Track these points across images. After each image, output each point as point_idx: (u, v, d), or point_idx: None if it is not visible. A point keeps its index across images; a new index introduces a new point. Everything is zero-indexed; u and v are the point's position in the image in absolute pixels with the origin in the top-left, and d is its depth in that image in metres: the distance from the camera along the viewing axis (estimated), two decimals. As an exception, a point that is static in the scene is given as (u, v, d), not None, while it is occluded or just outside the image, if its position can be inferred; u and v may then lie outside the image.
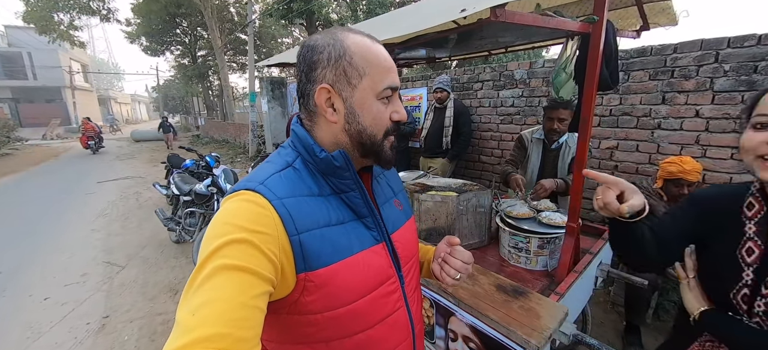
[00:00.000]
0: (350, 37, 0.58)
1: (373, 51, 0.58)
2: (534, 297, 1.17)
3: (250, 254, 0.49)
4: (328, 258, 0.56)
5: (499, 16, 0.76)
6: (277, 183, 0.57)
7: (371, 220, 0.64)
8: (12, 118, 18.90)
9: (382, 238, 0.65)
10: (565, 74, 1.35)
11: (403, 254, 0.69)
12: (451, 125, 3.17)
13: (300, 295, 0.56)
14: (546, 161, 2.10)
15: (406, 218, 0.75)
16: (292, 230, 0.54)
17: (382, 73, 0.58)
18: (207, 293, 0.44)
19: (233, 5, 16.88)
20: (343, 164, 0.59)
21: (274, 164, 0.61)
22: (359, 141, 0.60)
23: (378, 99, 0.59)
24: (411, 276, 0.72)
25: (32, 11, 12.82)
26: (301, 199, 0.57)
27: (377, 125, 0.60)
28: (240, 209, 0.53)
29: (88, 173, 8.98)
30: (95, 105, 32.24)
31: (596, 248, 1.58)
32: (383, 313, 0.64)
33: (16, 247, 4.10)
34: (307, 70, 0.59)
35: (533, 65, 3.00)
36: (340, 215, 0.61)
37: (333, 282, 0.57)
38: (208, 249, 0.48)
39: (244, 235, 0.49)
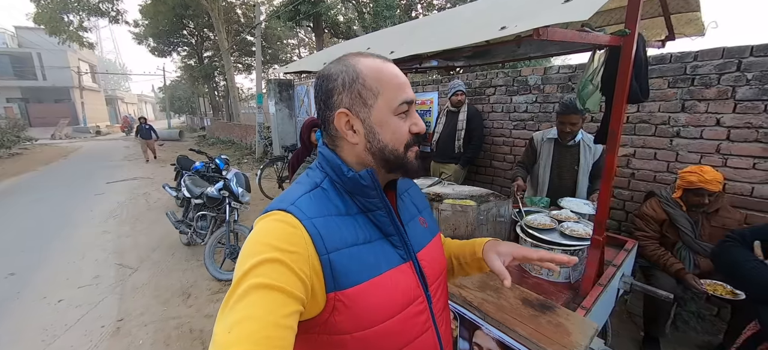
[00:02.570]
0: (361, 61, 0.61)
1: (384, 71, 0.61)
2: (562, 312, 1.15)
3: (282, 273, 0.50)
4: (357, 277, 0.57)
5: (542, 36, 0.76)
6: (307, 203, 0.59)
7: (397, 238, 0.65)
8: (21, 117, 19.14)
9: (408, 257, 0.66)
10: (591, 86, 1.34)
11: (430, 272, 0.69)
12: (464, 128, 3.16)
13: (330, 315, 0.56)
14: (563, 159, 2.14)
15: (431, 236, 0.75)
16: (322, 250, 0.55)
17: (395, 89, 0.61)
18: (241, 311, 0.46)
19: (240, 7, 17.00)
20: (370, 183, 0.61)
21: (304, 185, 0.63)
22: (383, 158, 0.62)
23: (395, 115, 0.61)
24: (438, 295, 0.71)
25: (43, 12, 13.00)
26: (330, 218, 0.59)
27: (397, 140, 0.62)
28: (273, 229, 0.55)
29: (96, 173, 9.07)
30: (103, 105, 32.59)
31: (619, 259, 1.56)
32: (412, 335, 0.64)
33: (29, 248, 4.15)
34: (325, 99, 0.62)
35: (547, 71, 2.98)
36: (367, 234, 0.62)
37: (362, 301, 0.57)
38: (243, 268, 0.50)
39: (276, 254, 0.51)
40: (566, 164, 2.12)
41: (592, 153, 2.09)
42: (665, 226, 1.95)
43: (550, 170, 2.14)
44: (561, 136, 2.10)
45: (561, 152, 2.13)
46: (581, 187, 2.11)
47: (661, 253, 1.90)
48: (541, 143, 2.20)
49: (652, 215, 1.97)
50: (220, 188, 3.48)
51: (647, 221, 1.99)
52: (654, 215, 1.96)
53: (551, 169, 2.14)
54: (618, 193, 2.64)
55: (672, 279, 1.88)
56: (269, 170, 6.77)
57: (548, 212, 1.79)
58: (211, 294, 3.02)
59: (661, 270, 1.92)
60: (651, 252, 1.94)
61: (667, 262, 1.86)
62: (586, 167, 2.08)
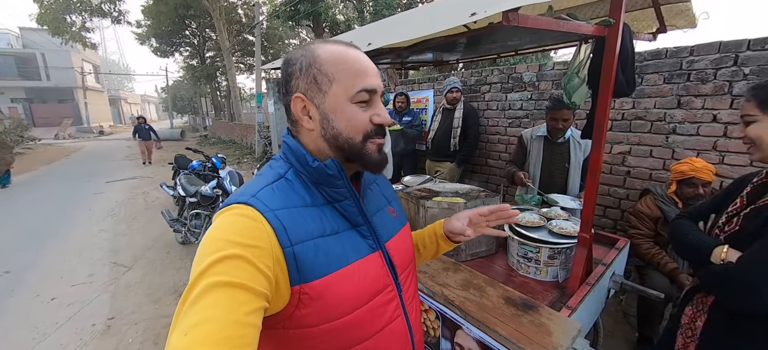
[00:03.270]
0: (322, 47, 0.60)
1: (343, 56, 0.59)
2: (545, 312, 1.12)
3: (244, 269, 0.48)
4: (323, 269, 0.56)
5: (511, 21, 0.72)
6: (269, 195, 0.57)
7: (366, 228, 0.64)
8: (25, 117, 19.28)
9: (377, 246, 0.65)
10: (578, 79, 1.30)
11: (399, 261, 0.69)
12: (460, 126, 3.12)
13: (295, 308, 0.55)
14: (553, 157, 2.11)
15: (401, 226, 0.75)
16: (286, 242, 0.53)
17: (353, 76, 0.58)
18: (200, 312, 0.43)
19: (241, 7, 17.03)
20: (336, 173, 0.60)
21: (266, 177, 0.61)
22: (337, 145, 0.60)
23: (353, 103, 0.59)
24: (408, 283, 0.72)
25: (46, 13, 13.08)
26: (294, 210, 0.57)
27: (353, 129, 0.59)
28: (232, 224, 0.52)
29: (97, 172, 9.11)
30: (106, 105, 32.82)
31: (609, 258, 1.52)
32: (381, 323, 0.64)
33: (26, 246, 4.16)
34: (285, 83, 0.62)
35: (542, 68, 2.94)
36: (334, 225, 0.60)
37: (328, 293, 0.56)
38: (200, 267, 0.47)
39: (236, 250, 0.48)
40: (556, 162, 2.08)
41: (582, 150, 2.05)
42: (660, 224, 1.91)
43: (540, 168, 2.10)
44: (552, 133, 2.06)
45: (551, 149, 2.09)
46: (572, 184, 2.07)
47: (655, 252, 1.86)
48: (530, 140, 2.16)
49: (647, 213, 1.93)
50: (213, 186, 3.47)
51: (641, 218, 1.94)
52: (649, 213, 1.92)
53: (542, 167, 2.10)
54: (613, 191, 2.59)
55: (666, 279, 1.83)
56: (267, 169, 6.76)
57: (538, 210, 1.76)
58: (203, 292, 3.00)
59: (655, 269, 1.88)
60: (645, 251, 1.90)
61: (661, 261, 1.82)
62: (577, 163, 2.04)
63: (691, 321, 1.01)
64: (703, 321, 0.97)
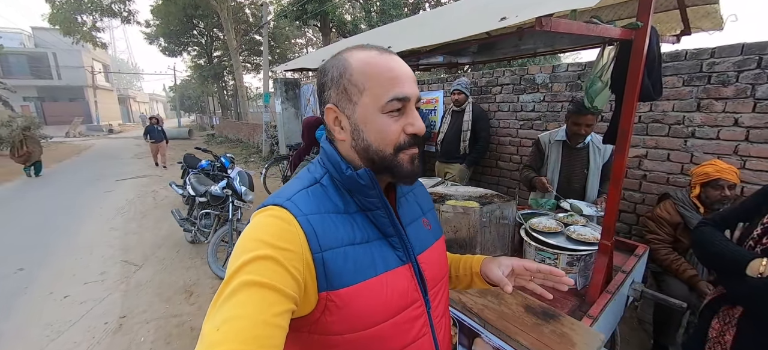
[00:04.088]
0: (355, 54, 0.58)
1: (374, 64, 0.56)
2: (566, 322, 1.09)
3: (275, 270, 0.49)
4: (350, 278, 0.55)
5: (545, 26, 0.70)
6: (304, 199, 0.57)
7: (396, 239, 0.62)
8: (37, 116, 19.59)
9: (407, 259, 0.63)
10: (600, 83, 1.27)
11: (431, 276, 0.66)
12: (470, 129, 3.09)
13: (321, 314, 0.55)
14: (572, 162, 2.06)
15: (434, 239, 0.72)
16: (316, 248, 0.54)
17: (383, 85, 0.56)
18: (231, 309, 0.45)
19: (248, 6, 17.13)
20: (369, 183, 0.59)
21: (303, 181, 0.62)
22: (367, 157, 0.59)
23: (383, 113, 0.56)
24: (438, 300, 0.69)
25: (57, 13, 13.31)
26: (327, 216, 0.57)
27: (383, 141, 0.57)
28: (267, 225, 0.53)
29: (107, 170, 9.23)
30: (115, 104, 33.25)
31: (629, 265, 1.49)
32: (407, 339, 0.61)
33: (39, 244, 4.22)
34: (319, 93, 0.62)
35: (555, 69, 2.89)
36: (365, 233, 0.60)
37: (354, 303, 0.55)
38: (235, 265, 0.49)
39: (269, 251, 0.49)
40: (575, 167, 2.04)
41: (601, 155, 2.01)
42: (679, 230, 1.86)
43: (558, 173, 2.06)
44: (572, 138, 2.01)
45: (570, 154, 2.05)
46: (591, 190, 2.03)
47: (673, 258, 1.82)
48: (548, 145, 2.12)
49: (666, 218, 1.88)
50: (223, 186, 3.48)
51: (660, 224, 1.90)
52: (668, 218, 1.88)
53: (560, 172, 2.06)
54: (628, 195, 2.55)
55: (684, 286, 1.79)
56: (274, 168, 6.79)
57: (554, 215, 1.72)
58: (213, 292, 3.01)
59: (674, 276, 1.83)
60: (663, 257, 1.85)
61: (679, 268, 1.78)
62: (596, 169, 2.00)
63: (719, 335, 0.98)
64: (733, 335, 0.94)
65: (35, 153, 8.24)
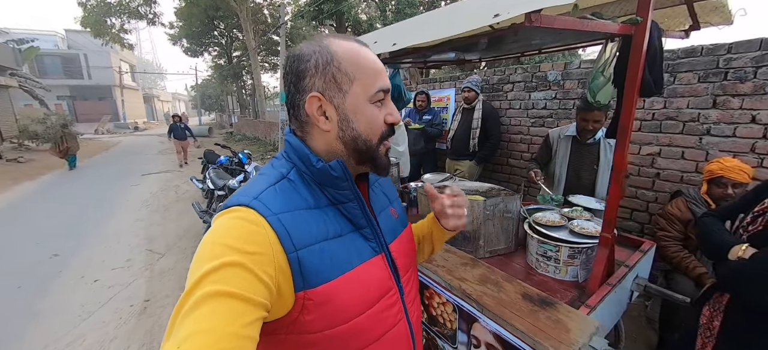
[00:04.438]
0: (336, 43, 0.57)
1: (361, 55, 0.57)
2: (563, 309, 1.13)
3: (243, 278, 0.46)
4: (328, 274, 0.54)
5: (534, 22, 0.75)
6: (272, 197, 0.54)
7: (369, 231, 0.62)
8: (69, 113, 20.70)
9: (380, 249, 0.64)
10: (603, 78, 1.29)
11: (402, 263, 0.68)
12: (479, 127, 3.11)
13: (299, 314, 0.53)
14: (582, 158, 2.07)
15: (402, 227, 0.74)
16: (290, 247, 0.51)
17: (372, 76, 0.57)
18: (195, 323, 0.41)
19: (267, 7, 17.53)
20: (341, 174, 0.58)
21: (268, 177, 0.58)
22: (355, 148, 0.59)
23: (371, 103, 0.58)
24: (410, 285, 0.71)
25: (89, 16, 14.03)
26: (298, 213, 0.55)
27: (372, 130, 0.59)
28: (232, 228, 0.49)
29: (133, 166, 9.68)
30: (141, 103, 34.64)
31: (632, 260, 1.49)
32: (384, 327, 0.62)
33: (72, 232, 4.51)
34: (295, 81, 0.58)
35: (568, 66, 2.87)
36: (337, 227, 0.59)
37: (333, 298, 0.54)
38: (197, 274, 0.45)
39: (236, 257, 0.46)
40: (585, 163, 2.04)
41: (613, 151, 2.00)
42: (690, 227, 1.84)
43: (566, 169, 2.07)
44: (581, 134, 2.02)
45: (579, 150, 2.05)
46: (601, 187, 2.02)
47: (683, 256, 1.80)
48: (557, 140, 2.13)
49: (677, 215, 1.86)
50: (240, 180, 3.64)
51: (671, 221, 1.88)
52: (679, 215, 1.86)
53: (568, 168, 2.07)
54: (641, 194, 2.51)
55: (693, 284, 1.77)
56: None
57: (559, 210, 1.74)
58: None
59: (683, 273, 1.81)
60: (672, 254, 1.84)
61: (689, 265, 1.76)
62: (607, 165, 1.99)
63: (708, 321, 1.00)
64: (720, 321, 0.95)
65: (73, 148, 9.18)
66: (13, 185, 7.51)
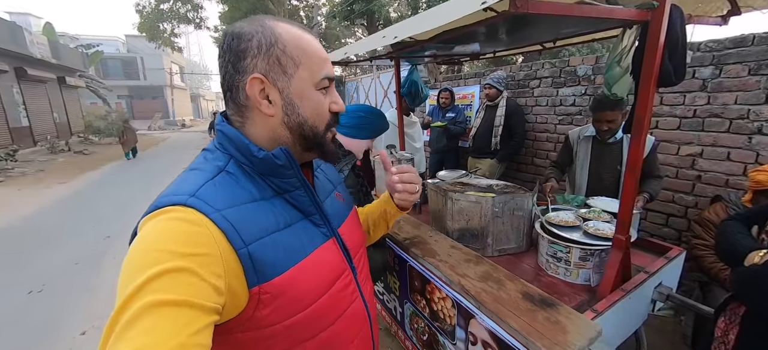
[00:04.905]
0: (280, 26, 0.55)
1: (305, 40, 0.56)
2: (563, 310, 1.08)
3: (188, 283, 0.42)
4: (282, 265, 0.53)
5: (520, 7, 0.72)
6: (212, 193, 0.50)
7: (318, 217, 0.62)
8: (127, 111, 22.87)
9: (331, 234, 0.63)
10: (619, 68, 1.21)
11: (352, 245, 0.69)
12: (502, 124, 3.01)
13: (254, 310, 0.51)
14: (603, 158, 1.93)
15: (349, 210, 0.76)
16: (239, 244, 0.48)
17: (318, 62, 0.57)
18: (135, 339, 0.37)
19: (303, 9, 18.13)
20: (286, 162, 0.55)
21: (204, 172, 0.54)
22: (301, 134, 0.58)
23: (317, 89, 0.57)
24: (361, 265, 0.73)
25: (144, 22, 15.35)
26: (243, 207, 0.52)
27: (319, 117, 0.58)
28: (168, 231, 0.45)
29: (178, 158, 10.49)
30: (188, 101, 37.32)
31: (654, 266, 1.38)
32: (341, 308, 0.63)
33: (123, 217, 5.00)
34: (234, 60, 0.54)
35: (600, 60, 2.70)
36: (286, 217, 0.57)
37: (290, 289, 0.53)
38: (133, 284, 0.40)
39: (178, 262, 0.42)
40: (607, 164, 1.90)
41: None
42: (730, 236, 1.66)
43: (587, 170, 1.94)
44: (599, 133, 1.89)
45: (601, 150, 1.92)
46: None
47: (721, 266, 1.63)
48: (577, 141, 2.00)
49: (714, 222, 1.69)
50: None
51: (707, 228, 1.72)
52: (716, 222, 1.68)
53: (589, 169, 1.94)
54: (679, 198, 2.30)
55: (733, 298, 1.60)
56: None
57: (576, 211, 1.65)
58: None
59: (721, 285, 1.64)
60: (710, 265, 1.67)
61: (727, 277, 1.59)
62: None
63: (724, 334, 0.91)
64: (736, 333, 0.86)
65: (131, 140, 10.63)
66: (79, 174, 8.44)
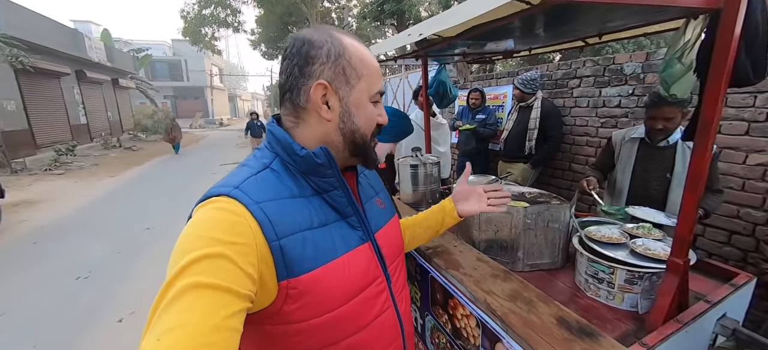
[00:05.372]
0: (346, 39, 0.59)
1: (367, 55, 0.60)
2: (606, 343, 0.94)
3: (226, 269, 0.45)
4: (311, 263, 0.54)
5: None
6: (254, 186, 0.55)
7: (356, 219, 0.63)
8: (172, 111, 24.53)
9: (367, 237, 0.65)
10: (680, 65, 1.05)
11: (389, 252, 0.69)
12: (537, 127, 2.82)
13: (282, 304, 0.54)
14: (650, 164, 1.70)
15: (389, 217, 0.76)
16: (272, 236, 0.52)
17: (375, 77, 0.61)
18: (175, 316, 0.41)
19: (334, 11, 18.45)
20: (326, 161, 0.58)
21: (250, 167, 0.59)
22: (352, 140, 0.61)
23: (371, 101, 0.61)
24: (398, 274, 0.72)
25: (188, 27, 16.38)
26: (281, 202, 0.55)
27: (369, 126, 0.62)
28: (213, 219, 0.50)
29: (215, 156, 11.05)
30: (226, 101, 39.34)
31: (717, 295, 1.19)
32: (372, 315, 0.63)
33: (163, 210, 5.31)
34: (301, 64, 0.57)
35: (651, 57, 2.43)
36: (322, 216, 0.59)
37: (317, 287, 0.55)
38: (177, 266, 0.44)
39: (218, 248, 0.46)
40: (655, 171, 1.67)
41: None
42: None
43: (630, 176, 1.72)
44: (651, 135, 1.66)
45: (649, 155, 1.69)
46: (674, 200, 1.64)
47: (801, 298, 1.38)
48: (621, 143, 1.78)
49: (793, 246, 1.44)
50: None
51: (783, 252, 1.47)
52: (796, 246, 1.44)
53: (633, 175, 1.72)
54: (745, 213, 2.01)
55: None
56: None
57: (621, 225, 1.47)
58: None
59: (801, 321, 1.40)
60: (786, 295, 1.43)
61: (810, 312, 1.35)
62: (684, 174, 1.60)
63: None
64: None
65: (178, 137, 11.72)
66: (127, 168, 9.13)
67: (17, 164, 8.50)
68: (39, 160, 9.22)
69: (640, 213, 1.56)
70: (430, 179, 2.13)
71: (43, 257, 3.76)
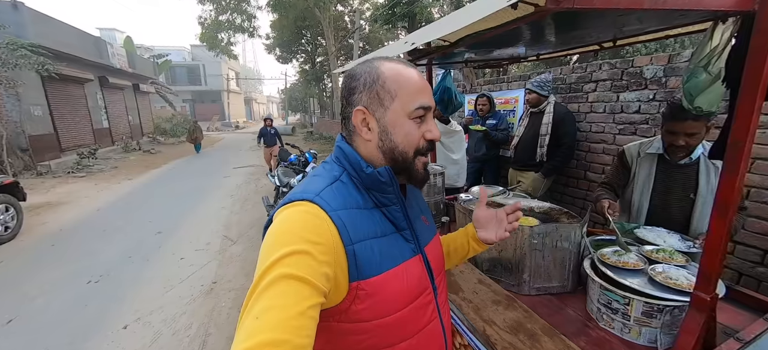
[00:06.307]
0: (385, 64, 0.65)
1: (403, 74, 0.64)
2: (619, 391, 0.83)
3: (309, 265, 0.51)
4: (378, 267, 0.60)
5: (560, 2, 0.53)
6: (331, 195, 0.61)
7: (409, 233, 0.69)
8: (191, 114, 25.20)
9: (418, 250, 0.70)
10: (706, 75, 0.93)
11: (435, 266, 0.74)
12: (549, 133, 2.68)
13: (351, 303, 0.59)
14: (671, 183, 1.53)
15: (433, 234, 0.80)
16: (347, 241, 0.58)
17: (412, 94, 0.64)
18: (269, 299, 0.48)
19: (348, 14, 18.53)
20: (388, 180, 0.64)
21: (324, 178, 0.65)
22: (392, 158, 0.65)
23: (410, 119, 0.64)
24: (442, 287, 0.77)
25: (205, 33, 16.78)
26: (352, 211, 0.61)
27: (408, 143, 0.65)
28: (300, 221, 0.56)
29: (229, 159, 11.24)
30: (242, 105, 40.18)
31: (752, 332, 1.05)
32: (422, 323, 0.68)
33: (175, 213, 5.39)
34: (347, 95, 0.67)
35: (673, 59, 2.27)
36: (383, 227, 0.65)
37: (382, 290, 0.60)
38: (272, 257, 0.51)
39: (304, 246, 0.52)
40: (676, 190, 1.50)
41: (718, 174, 1.43)
42: None
43: (649, 195, 1.56)
44: (670, 151, 1.49)
45: (668, 173, 1.52)
46: (698, 221, 1.47)
47: None
48: (637, 158, 1.61)
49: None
50: (299, 179, 3.84)
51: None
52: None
53: (652, 195, 1.55)
54: (782, 231, 1.82)
55: None
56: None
57: (639, 248, 1.34)
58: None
59: None
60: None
61: None
62: (709, 194, 1.42)
63: None
64: None
65: (199, 138, 12.62)
66: (144, 171, 9.39)
67: (43, 167, 8.88)
68: (63, 163, 9.61)
69: (650, 236, 1.41)
70: (433, 190, 2.04)
71: (58, 259, 3.86)
